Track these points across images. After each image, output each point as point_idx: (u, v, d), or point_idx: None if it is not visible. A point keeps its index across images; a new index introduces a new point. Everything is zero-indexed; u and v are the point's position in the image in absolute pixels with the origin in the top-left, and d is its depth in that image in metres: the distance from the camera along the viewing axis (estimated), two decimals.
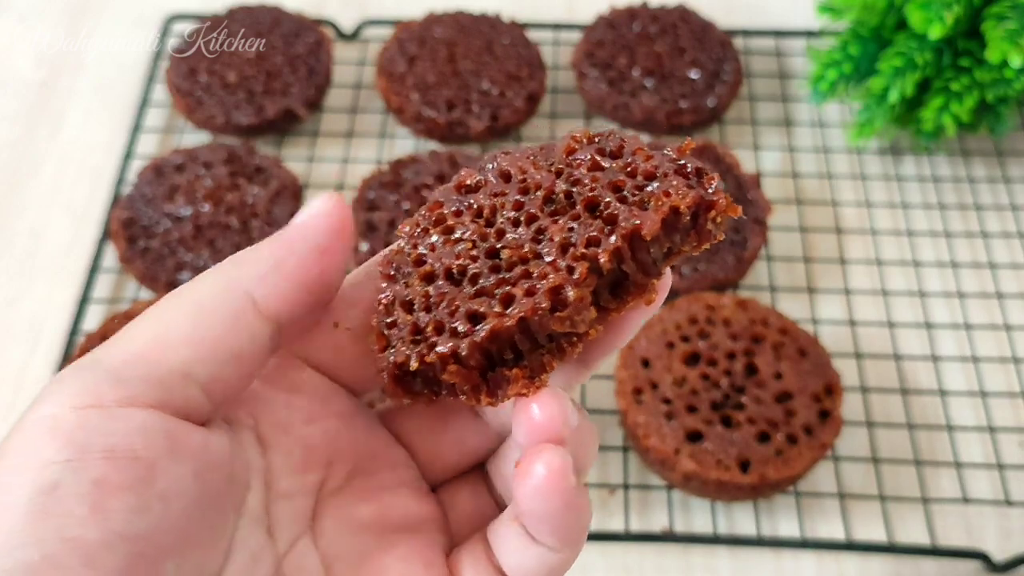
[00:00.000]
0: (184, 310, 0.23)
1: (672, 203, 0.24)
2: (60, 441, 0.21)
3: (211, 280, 0.24)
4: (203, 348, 0.23)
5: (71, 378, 0.22)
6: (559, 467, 0.23)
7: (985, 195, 0.69)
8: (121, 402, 0.21)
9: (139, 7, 0.80)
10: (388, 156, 0.71)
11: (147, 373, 0.22)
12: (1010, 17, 0.59)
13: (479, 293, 0.25)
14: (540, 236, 0.25)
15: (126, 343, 0.23)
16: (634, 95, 0.69)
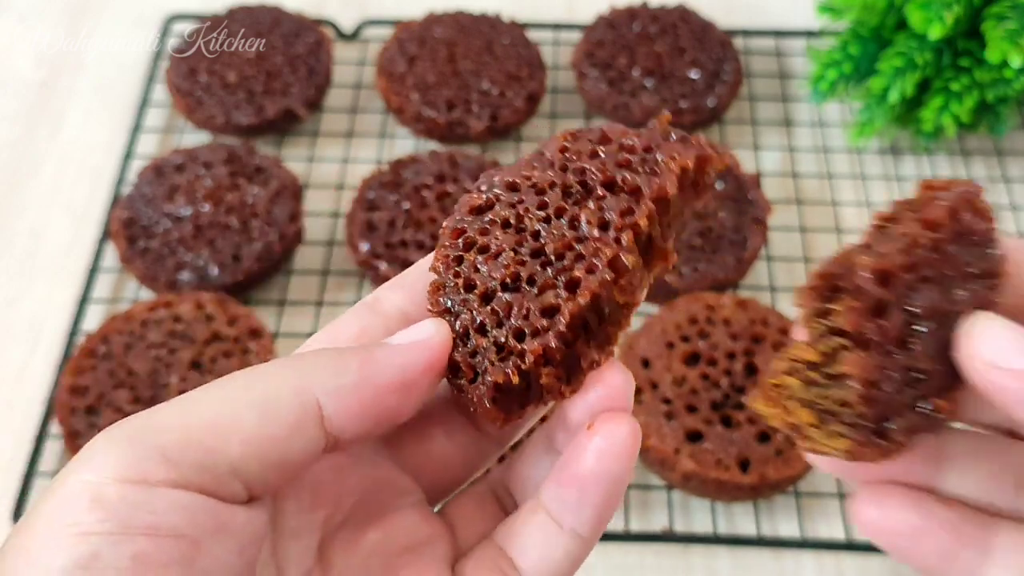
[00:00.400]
0: (251, 402, 0.23)
1: (680, 163, 0.26)
2: (102, 512, 0.20)
3: (286, 375, 0.23)
4: (260, 449, 0.22)
5: (117, 447, 0.21)
6: (634, 431, 0.24)
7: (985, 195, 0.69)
8: (168, 483, 0.21)
9: (139, 7, 0.80)
10: (388, 156, 0.71)
11: (199, 461, 0.21)
12: (1010, 17, 0.59)
13: (543, 289, 0.26)
14: (575, 223, 0.26)
15: (184, 419, 0.22)
16: (634, 95, 0.69)
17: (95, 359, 0.55)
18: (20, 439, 0.56)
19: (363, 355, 0.24)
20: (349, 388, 0.23)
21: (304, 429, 0.23)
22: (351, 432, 0.24)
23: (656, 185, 0.26)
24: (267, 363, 0.24)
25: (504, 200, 0.27)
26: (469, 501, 0.29)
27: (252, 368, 0.24)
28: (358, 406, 0.24)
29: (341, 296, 0.64)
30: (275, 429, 0.22)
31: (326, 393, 0.23)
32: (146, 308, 0.57)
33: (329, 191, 0.69)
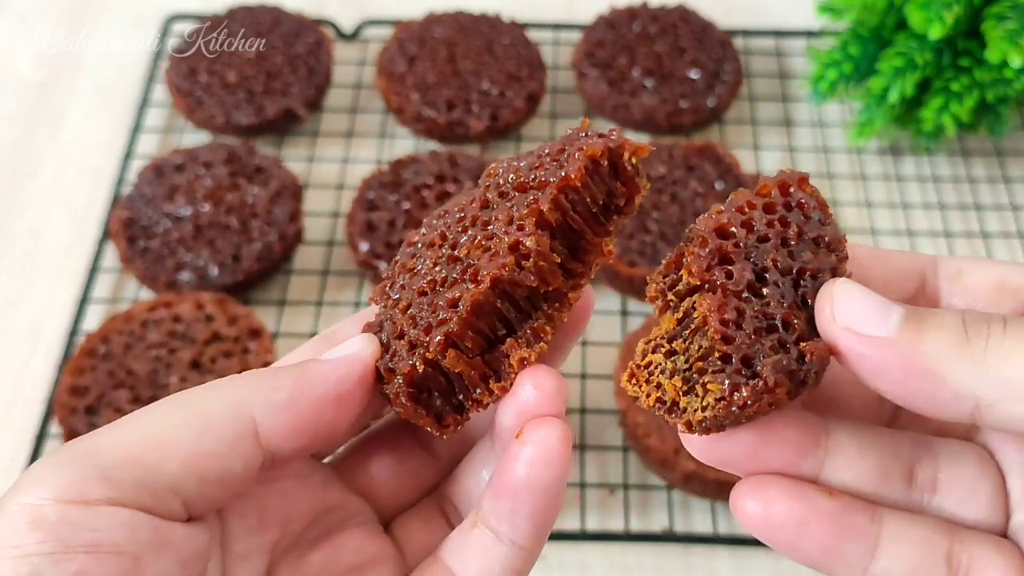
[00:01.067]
0: (188, 420, 0.23)
1: (586, 152, 0.26)
2: (41, 533, 0.20)
3: (222, 395, 0.24)
4: (195, 465, 0.23)
5: (56, 469, 0.22)
6: (564, 436, 0.24)
7: (985, 195, 0.69)
8: (107, 502, 0.21)
9: (139, 7, 0.80)
10: (388, 156, 0.71)
11: (137, 478, 0.22)
12: (1010, 17, 0.59)
13: (451, 286, 0.26)
14: (488, 227, 0.27)
15: (123, 439, 0.23)
16: (634, 95, 0.69)
17: (95, 359, 0.55)
18: (20, 439, 0.56)
19: (296, 372, 0.25)
20: (284, 404, 0.24)
21: (241, 446, 0.23)
22: (288, 447, 0.24)
23: (562, 173, 0.26)
24: (206, 384, 0.24)
25: (433, 226, 0.29)
26: (416, 518, 0.29)
27: (191, 389, 0.24)
28: (293, 421, 0.24)
29: (341, 296, 0.64)
30: (212, 446, 0.23)
31: (261, 410, 0.24)
32: (146, 308, 0.57)
33: (329, 191, 0.69)
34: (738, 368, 0.24)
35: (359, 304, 0.63)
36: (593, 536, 0.53)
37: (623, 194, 0.27)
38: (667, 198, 0.63)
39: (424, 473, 0.29)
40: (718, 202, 0.29)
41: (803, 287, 0.25)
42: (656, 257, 0.60)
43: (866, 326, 0.23)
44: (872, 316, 0.23)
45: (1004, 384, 0.22)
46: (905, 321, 0.23)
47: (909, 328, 0.23)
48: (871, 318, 0.23)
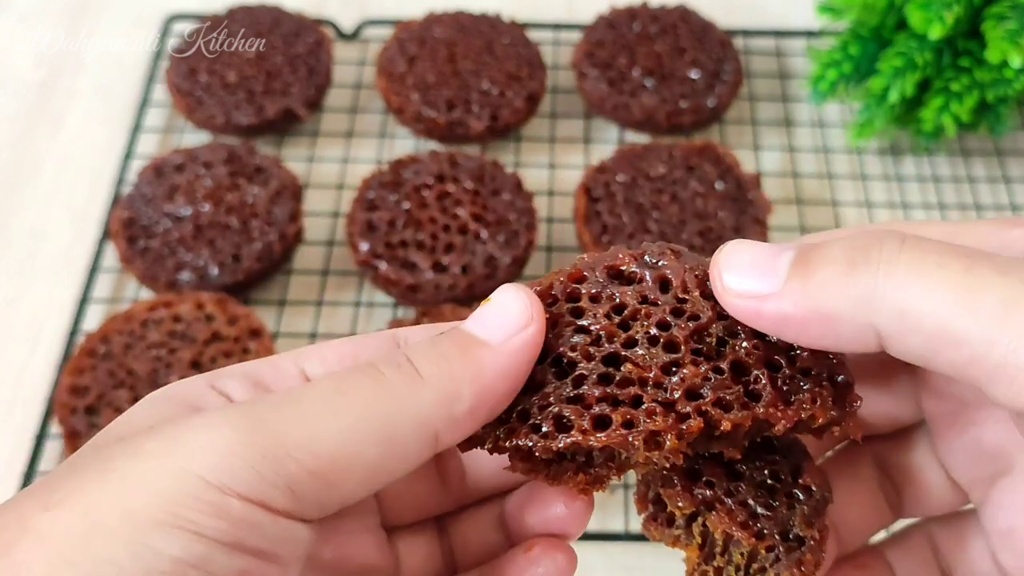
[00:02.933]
0: (377, 438, 0.22)
1: (811, 412, 0.24)
2: (223, 523, 0.20)
3: (409, 408, 0.22)
4: (372, 480, 0.22)
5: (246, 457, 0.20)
6: (571, 561, 0.26)
7: (985, 195, 0.69)
8: (287, 514, 0.21)
9: (139, 7, 0.80)
10: (388, 156, 0.71)
11: (319, 496, 0.21)
12: (1010, 17, 0.59)
13: (577, 399, 0.24)
14: (673, 367, 0.24)
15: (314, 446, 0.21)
16: (634, 95, 0.69)
17: (95, 359, 0.55)
18: (20, 439, 0.56)
19: (474, 370, 0.23)
20: (465, 415, 0.23)
21: (417, 461, 0.23)
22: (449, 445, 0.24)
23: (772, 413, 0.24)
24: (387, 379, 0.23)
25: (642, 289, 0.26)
26: (421, 537, 0.29)
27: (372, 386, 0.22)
28: (472, 426, 0.23)
29: (341, 296, 0.64)
30: (393, 465, 0.22)
31: (444, 426, 0.23)
32: (146, 308, 0.57)
33: (329, 191, 0.69)
34: (788, 547, 0.25)
35: (359, 304, 0.63)
36: (593, 536, 0.53)
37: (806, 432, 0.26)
38: (667, 198, 0.63)
39: (433, 498, 0.29)
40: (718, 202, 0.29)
41: None
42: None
43: (754, 284, 0.22)
44: (759, 272, 0.23)
45: (899, 316, 0.21)
46: (793, 266, 0.22)
47: (797, 273, 0.22)
48: (758, 274, 0.23)
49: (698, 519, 0.26)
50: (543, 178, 0.70)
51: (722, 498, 0.26)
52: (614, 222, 0.62)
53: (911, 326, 0.21)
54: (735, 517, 0.25)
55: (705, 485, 0.26)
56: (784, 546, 0.25)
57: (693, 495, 0.26)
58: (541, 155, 0.71)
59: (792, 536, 0.25)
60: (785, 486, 0.26)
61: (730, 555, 0.26)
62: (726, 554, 0.26)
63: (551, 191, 0.69)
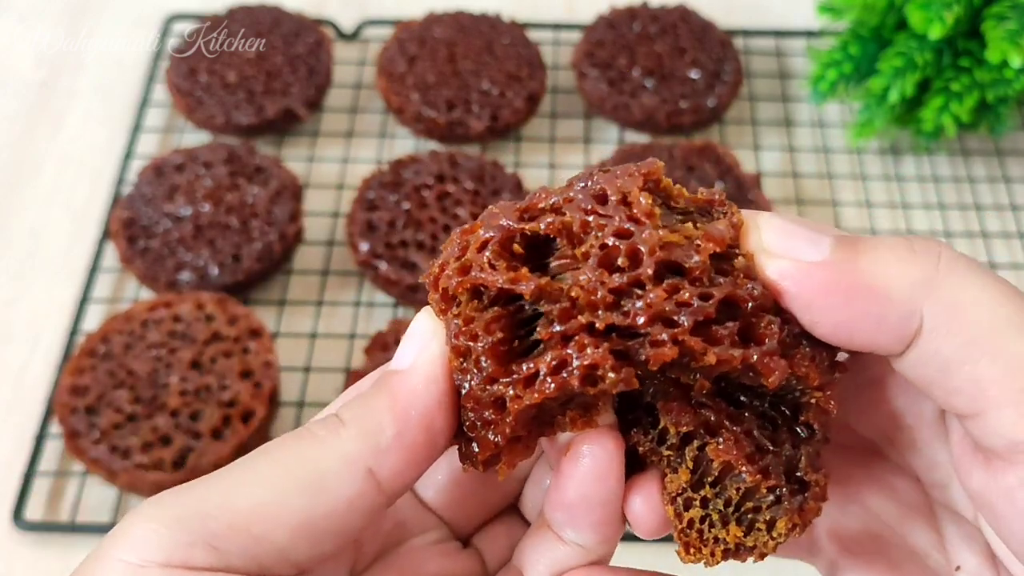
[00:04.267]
0: (301, 485, 0.22)
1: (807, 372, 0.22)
2: None
3: (332, 451, 0.22)
4: (308, 530, 0.21)
5: (160, 529, 0.21)
6: (610, 452, 0.23)
7: (985, 195, 0.69)
8: (212, 569, 0.21)
9: (139, 7, 0.80)
10: (388, 156, 0.71)
11: (245, 549, 0.21)
12: (1010, 17, 0.59)
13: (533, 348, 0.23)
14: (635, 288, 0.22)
15: (232, 502, 0.21)
16: (634, 95, 0.69)
17: (95, 359, 0.55)
18: (20, 439, 0.56)
19: (387, 399, 0.23)
20: (392, 443, 0.22)
21: (359, 502, 0.22)
22: (410, 478, 0.23)
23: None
24: (312, 434, 0.22)
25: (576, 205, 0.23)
26: (499, 525, 0.28)
27: (296, 443, 0.22)
28: (407, 454, 0.23)
29: (341, 296, 0.64)
30: (329, 507, 0.22)
31: (374, 459, 0.22)
32: (146, 308, 0.57)
33: (329, 191, 0.69)
34: (791, 490, 0.23)
35: (359, 304, 0.63)
36: None
37: None
38: None
39: (496, 491, 0.28)
40: None
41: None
42: None
43: (799, 247, 0.21)
44: (804, 237, 0.21)
45: (952, 308, 0.20)
46: (838, 244, 0.21)
47: (845, 247, 0.21)
48: (801, 241, 0.21)
49: (693, 443, 0.23)
50: (543, 178, 0.70)
51: (726, 424, 0.23)
52: None
53: (958, 325, 0.20)
54: (743, 448, 0.23)
55: (706, 406, 0.23)
56: (787, 488, 0.23)
57: (696, 413, 0.23)
58: (541, 155, 0.71)
59: (796, 478, 0.23)
60: (786, 422, 0.24)
61: (723, 488, 0.23)
62: (718, 486, 0.23)
63: None
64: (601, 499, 0.23)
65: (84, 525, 0.53)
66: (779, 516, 0.23)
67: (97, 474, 0.52)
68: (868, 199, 0.69)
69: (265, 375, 0.55)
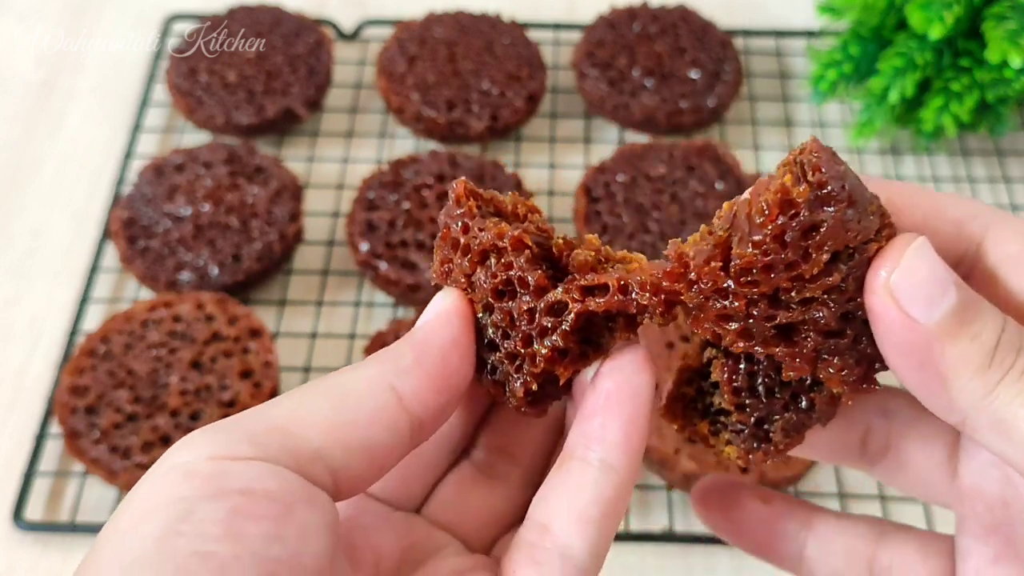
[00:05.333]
0: (328, 394, 0.24)
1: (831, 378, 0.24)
2: (196, 480, 0.21)
3: (357, 371, 0.24)
4: (339, 435, 0.23)
5: (205, 437, 0.22)
6: (646, 353, 0.25)
7: (985, 195, 0.69)
8: (257, 458, 0.22)
9: (139, 7, 0.80)
10: (388, 156, 0.71)
11: (283, 443, 0.22)
12: (1010, 17, 0.59)
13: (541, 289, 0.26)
14: None
15: (265, 413, 0.23)
16: (634, 95, 0.69)
17: (95, 359, 0.55)
18: (20, 439, 0.56)
19: (408, 338, 0.25)
20: (412, 365, 0.25)
21: (384, 413, 0.24)
22: (430, 406, 0.25)
23: None
24: (332, 373, 0.25)
25: None
26: (510, 537, 0.28)
27: (319, 378, 0.25)
28: (427, 379, 0.25)
29: (341, 296, 0.64)
30: (354, 416, 0.23)
31: (395, 377, 0.24)
32: (146, 308, 0.57)
33: (329, 191, 0.69)
34: (752, 432, 0.25)
35: (359, 304, 0.63)
36: None
37: None
38: (667, 198, 0.63)
39: (497, 501, 0.29)
40: (718, 202, 0.29)
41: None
42: (656, 257, 0.60)
43: (914, 306, 0.22)
44: (924, 295, 0.22)
45: (995, 423, 0.22)
46: (952, 315, 0.22)
47: (952, 324, 0.22)
48: (922, 298, 0.22)
49: (710, 348, 0.26)
50: (543, 178, 0.70)
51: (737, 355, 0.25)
52: (614, 222, 0.62)
53: (1001, 436, 0.22)
54: (732, 380, 0.25)
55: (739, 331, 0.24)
56: (750, 431, 0.25)
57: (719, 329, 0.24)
58: (541, 155, 0.71)
59: (763, 430, 0.25)
60: (797, 386, 0.25)
61: (712, 393, 0.26)
62: (710, 390, 0.26)
63: (551, 191, 0.69)
64: (635, 390, 0.25)
65: (84, 525, 0.53)
66: (734, 443, 0.26)
67: (97, 474, 0.52)
68: None
69: (265, 375, 0.55)
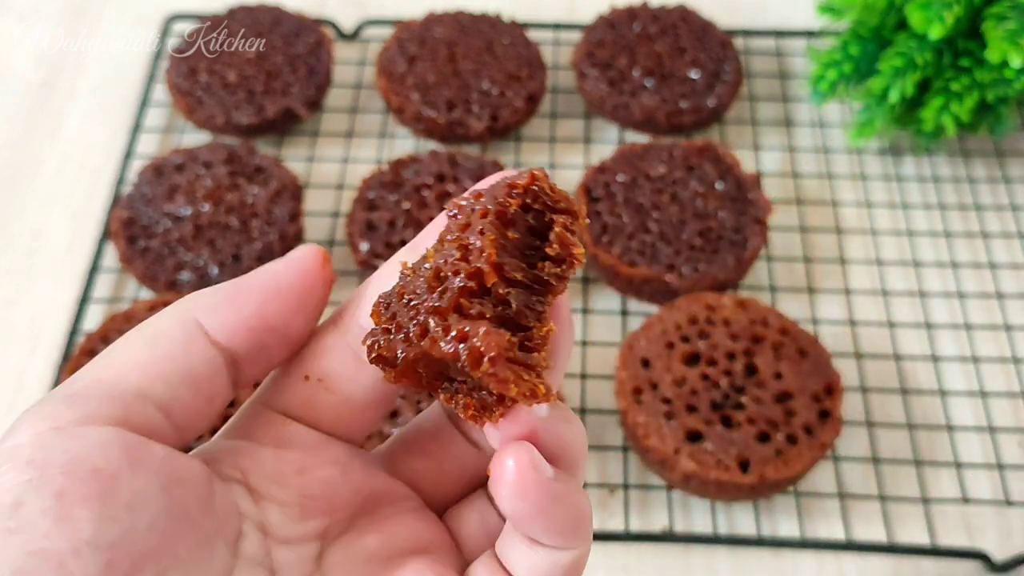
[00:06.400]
0: (136, 339, 0.24)
1: None
2: (19, 464, 0.21)
3: (165, 312, 0.25)
4: (157, 370, 0.23)
5: (32, 410, 0.23)
6: (526, 460, 0.22)
7: (985, 195, 0.69)
8: (78, 421, 0.22)
9: (139, 7, 0.80)
10: (388, 156, 0.71)
11: (102, 393, 0.22)
12: (1010, 17, 0.59)
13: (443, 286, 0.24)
14: None
15: (82, 373, 0.24)
16: (634, 95, 0.69)
17: None
18: None
19: (236, 279, 0.26)
20: (223, 301, 0.25)
21: (192, 345, 0.24)
22: (239, 342, 0.25)
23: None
24: None
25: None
26: (471, 510, 0.28)
27: None
28: (235, 316, 0.25)
29: (341, 296, 0.63)
30: (164, 352, 0.24)
31: (202, 312, 0.25)
32: (146, 308, 0.57)
33: (329, 191, 0.69)
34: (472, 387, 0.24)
35: None
36: (593, 536, 0.53)
37: None
38: (667, 198, 0.63)
39: (465, 461, 0.28)
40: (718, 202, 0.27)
41: None
42: (656, 257, 0.60)
43: None
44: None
45: None
46: None
47: None
48: None
49: None
50: None
51: None
52: (614, 222, 0.62)
53: None
54: None
55: None
56: None
57: None
58: (541, 155, 0.71)
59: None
60: None
61: None
62: None
63: None
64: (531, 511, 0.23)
65: None
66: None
67: None
68: (868, 199, 0.69)
69: None
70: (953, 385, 0.59)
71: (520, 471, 0.22)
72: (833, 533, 0.53)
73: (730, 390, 0.53)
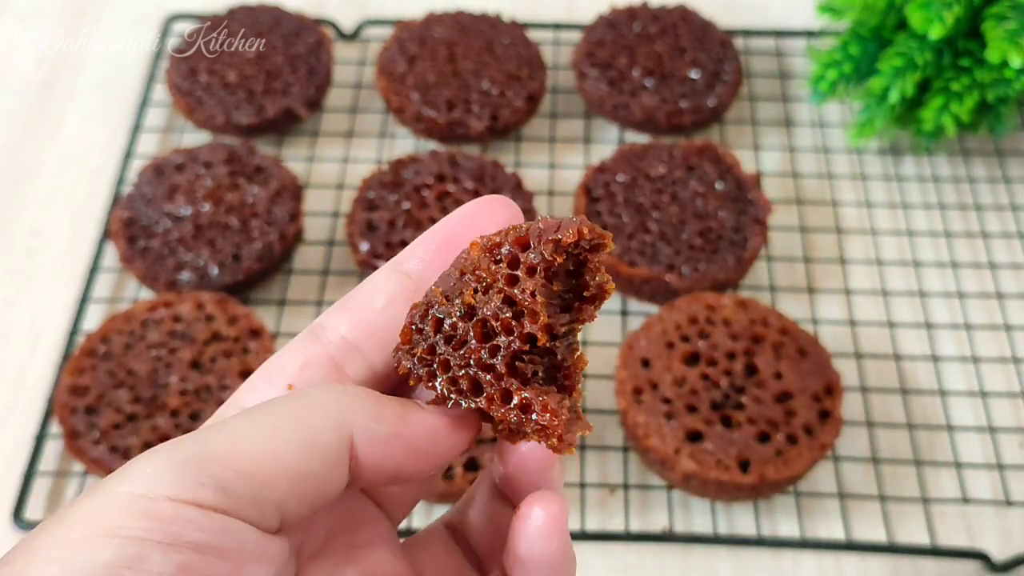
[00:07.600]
0: (297, 437, 0.23)
1: None
2: (154, 523, 0.21)
3: (328, 410, 0.24)
4: (302, 487, 0.23)
5: (171, 468, 0.22)
6: (559, 511, 0.25)
7: (985, 195, 0.69)
8: (220, 510, 0.21)
9: (139, 7, 0.80)
10: (388, 156, 0.71)
11: (251, 495, 0.22)
12: (1010, 17, 0.59)
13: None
14: None
15: (237, 450, 0.23)
16: (634, 95, 0.69)
17: (95, 359, 0.55)
18: (20, 439, 0.56)
19: (399, 410, 0.25)
20: (383, 438, 0.24)
21: (338, 470, 0.24)
22: (368, 478, 0.24)
23: None
24: (309, 391, 0.24)
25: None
26: (434, 545, 0.29)
27: (295, 396, 0.24)
28: (384, 457, 0.24)
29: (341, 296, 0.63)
30: (316, 467, 0.23)
31: (361, 435, 0.24)
32: (146, 308, 0.57)
33: (329, 191, 0.69)
34: None
35: None
36: (593, 536, 0.53)
37: None
38: (667, 198, 0.63)
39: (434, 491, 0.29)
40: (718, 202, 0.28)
41: None
42: (656, 257, 0.60)
43: None
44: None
45: None
46: None
47: None
48: None
49: None
50: (543, 178, 0.70)
51: None
52: (614, 222, 0.62)
53: None
54: None
55: None
56: None
57: None
58: (541, 155, 0.71)
59: None
60: None
61: None
62: None
63: (551, 191, 0.69)
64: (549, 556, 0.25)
65: None
66: None
67: (97, 474, 0.52)
68: (868, 199, 0.69)
69: None
70: (953, 385, 0.59)
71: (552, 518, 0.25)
72: (833, 533, 0.53)
73: (730, 390, 0.53)
